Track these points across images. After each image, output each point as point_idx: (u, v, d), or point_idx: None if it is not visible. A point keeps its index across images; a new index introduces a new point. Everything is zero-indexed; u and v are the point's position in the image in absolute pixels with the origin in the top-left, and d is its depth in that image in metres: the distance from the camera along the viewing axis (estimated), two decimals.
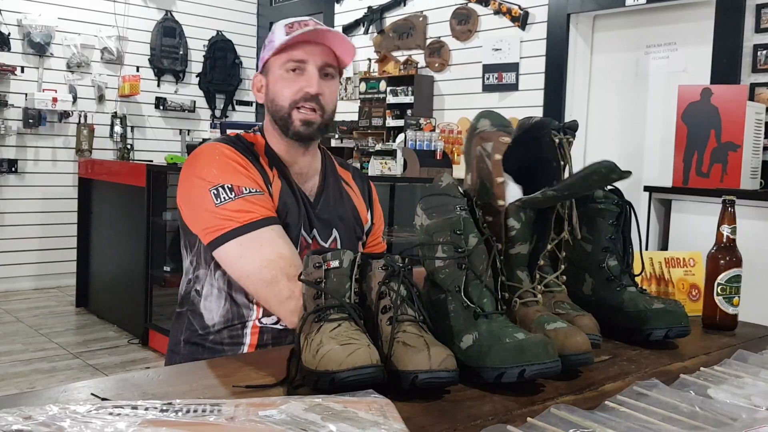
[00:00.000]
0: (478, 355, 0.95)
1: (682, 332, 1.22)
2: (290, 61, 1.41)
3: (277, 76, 1.43)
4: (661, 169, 3.89)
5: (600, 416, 0.83)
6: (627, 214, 1.31)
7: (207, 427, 0.73)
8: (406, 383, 0.89)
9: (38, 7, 5.40)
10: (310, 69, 1.41)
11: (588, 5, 4.22)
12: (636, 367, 1.10)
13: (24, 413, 0.73)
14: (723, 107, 3.12)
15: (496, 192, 1.14)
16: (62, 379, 3.50)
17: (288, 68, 1.41)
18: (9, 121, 5.30)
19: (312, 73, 1.41)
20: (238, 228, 1.26)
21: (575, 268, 1.31)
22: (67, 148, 5.60)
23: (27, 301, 5.15)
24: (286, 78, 1.41)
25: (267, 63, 1.45)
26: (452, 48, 4.97)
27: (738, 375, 1.02)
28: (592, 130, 4.39)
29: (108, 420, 0.72)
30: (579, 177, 1.02)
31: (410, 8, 5.26)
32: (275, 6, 6.48)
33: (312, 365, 0.89)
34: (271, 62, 1.44)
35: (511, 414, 0.87)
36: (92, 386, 0.91)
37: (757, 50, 3.52)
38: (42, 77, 5.44)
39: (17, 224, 5.41)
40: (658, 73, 4.10)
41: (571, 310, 1.15)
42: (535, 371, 0.94)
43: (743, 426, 0.81)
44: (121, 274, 4.49)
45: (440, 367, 0.89)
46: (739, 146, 3.09)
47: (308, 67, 1.41)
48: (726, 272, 1.36)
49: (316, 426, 0.73)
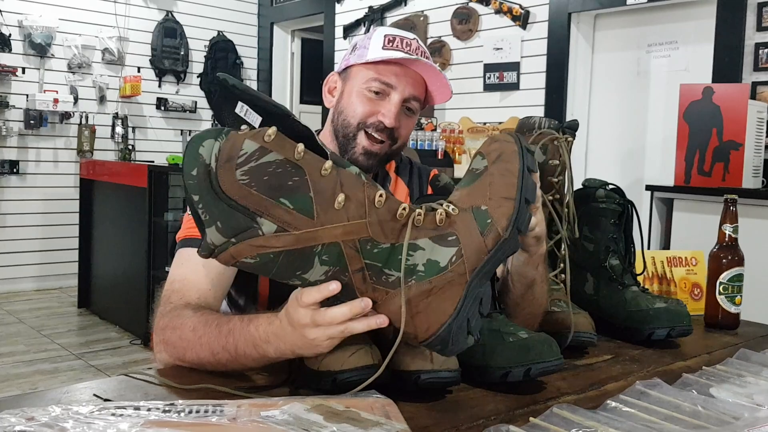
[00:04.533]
0: (482, 355, 0.96)
1: (684, 331, 1.22)
2: (377, 81, 1.27)
3: (357, 90, 1.29)
4: (662, 168, 3.88)
5: (602, 416, 0.83)
6: (629, 213, 1.31)
7: (209, 427, 0.73)
8: (409, 383, 0.89)
9: (39, 8, 5.40)
10: (394, 97, 1.27)
11: (589, 4, 4.22)
12: (638, 366, 1.10)
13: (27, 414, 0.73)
14: (725, 106, 3.12)
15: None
16: (64, 380, 3.50)
17: (371, 87, 1.27)
18: (10, 122, 5.31)
19: (394, 102, 1.27)
20: (182, 239, 1.19)
21: (577, 268, 1.31)
22: (68, 149, 5.60)
23: (29, 302, 5.16)
24: (366, 96, 1.28)
25: (351, 68, 1.31)
26: (453, 47, 4.97)
27: (740, 374, 1.02)
28: (594, 129, 4.38)
29: (110, 421, 0.72)
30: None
31: (411, 8, 5.26)
32: (276, 6, 6.48)
33: (314, 365, 0.89)
34: (355, 70, 1.30)
35: (514, 413, 0.87)
36: (95, 387, 0.91)
37: (759, 49, 3.51)
38: (43, 78, 5.44)
39: (19, 225, 5.41)
40: (659, 71, 4.09)
41: (567, 309, 1.16)
42: (540, 369, 0.94)
43: (745, 425, 0.81)
44: (122, 274, 4.49)
45: (442, 367, 0.89)
46: (741, 145, 3.08)
47: (393, 95, 1.27)
48: (728, 271, 1.36)
49: (318, 426, 0.73)
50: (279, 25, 6.53)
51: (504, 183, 0.85)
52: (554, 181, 1.21)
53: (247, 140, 0.78)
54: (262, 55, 6.58)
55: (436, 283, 0.81)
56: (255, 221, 0.78)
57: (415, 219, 0.83)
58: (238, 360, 0.96)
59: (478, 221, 0.83)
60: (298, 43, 6.64)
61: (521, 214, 0.84)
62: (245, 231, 0.78)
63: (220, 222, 0.78)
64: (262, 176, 0.77)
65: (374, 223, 0.81)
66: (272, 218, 0.78)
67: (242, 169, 0.77)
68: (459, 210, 0.85)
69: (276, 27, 6.53)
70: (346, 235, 0.80)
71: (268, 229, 0.78)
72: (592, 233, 1.31)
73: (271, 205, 0.78)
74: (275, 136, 0.78)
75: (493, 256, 0.83)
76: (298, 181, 0.78)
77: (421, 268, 0.82)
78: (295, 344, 0.89)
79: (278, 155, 0.78)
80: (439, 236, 0.83)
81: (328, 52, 5.82)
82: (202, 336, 0.98)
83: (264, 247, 0.78)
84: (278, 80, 6.57)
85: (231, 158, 0.77)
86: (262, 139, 0.78)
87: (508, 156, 0.87)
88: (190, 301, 1.09)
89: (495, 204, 0.84)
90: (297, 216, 0.78)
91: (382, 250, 0.82)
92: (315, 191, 0.79)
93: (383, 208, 0.82)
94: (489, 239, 0.83)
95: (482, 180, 0.87)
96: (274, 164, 0.78)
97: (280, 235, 0.78)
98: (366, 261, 0.81)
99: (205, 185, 0.77)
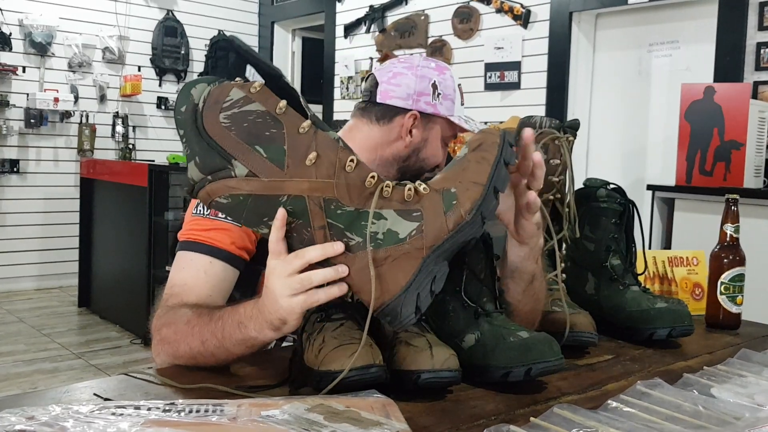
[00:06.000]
0: (483, 355, 0.95)
1: (685, 331, 1.21)
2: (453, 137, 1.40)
3: (438, 143, 1.37)
4: (663, 167, 3.88)
5: (603, 416, 0.83)
6: (630, 212, 1.31)
7: (209, 427, 0.73)
8: (409, 383, 0.89)
9: (39, 6, 5.40)
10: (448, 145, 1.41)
11: (590, 3, 4.21)
12: (639, 366, 1.10)
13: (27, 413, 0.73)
14: (726, 105, 3.12)
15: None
16: (65, 380, 3.50)
17: (447, 142, 1.39)
18: (11, 121, 5.31)
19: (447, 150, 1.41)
20: (184, 242, 1.19)
21: (578, 268, 1.31)
22: (68, 148, 5.60)
23: (29, 301, 5.16)
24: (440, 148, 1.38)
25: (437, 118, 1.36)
26: (454, 47, 4.96)
27: (741, 374, 1.02)
28: (595, 128, 4.38)
29: (111, 420, 0.72)
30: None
31: (412, 7, 5.26)
32: (276, 5, 6.48)
33: (314, 365, 0.89)
34: (442, 122, 1.37)
35: (514, 413, 0.87)
36: (95, 386, 0.91)
37: (761, 48, 3.51)
38: (43, 77, 5.44)
39: (19, 224, 5.41)
40: (660, 71, 4.09)
41: (567, 308, 1.16)
42: (541, 369, 0.94)
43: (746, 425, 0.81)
44: (123, 274, 4.49)
45: (443, 367, 0.89)
46: (743, 144, 3.08)
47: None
48: (729, 271, 1.36)
49: (318, 426, 0.73)
50: (279, 24, 6.53)
51: (477, 169, 0.87)
52: (555, 180, 1.21)
53: (235, 89, 0.85)
54: (263, 54, 6.58)
55: (392, 253, 0.84)
56: (230, 163, 0.84)
57: (383, 189, 0.86)
58: (224, 345, 0.97)
59: (445, 201, 0.86)
60: (299, 42, 6.64)
61: (488, 200, 0.86)
62: (220, 170, 0.84)
63: (198, 158, 0.85)
64: (243, 123, 0.84)
65: (341, 185, 0.85)
66: (245, 162, 0.84)
67: (226, 113, 0.84)
68: (429, 189, 0.87)
69: (276, 26, 6.53)
70: (312, 191, 0.84)
71: (240, 171, 0.84)
72: (593, 233, 1.31)
73: (246, 150, 0.84)
74: (261, 89, 0.85)
75: (453, 236, 0.85)
76: (275, 134, 0.84)
77: (380, 237, 0.85)
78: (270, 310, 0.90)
79: (261, 106, 0.85)
80: (405, 210, 0.86)
81: (328, 51, 5.82)
82: (195, 326, 1.00)
83: (235, 188, 0.85)
84: None
85: (217, 102, 0.84)
86: (248, 89, 0.85)
87: (487, 146, 0.90)
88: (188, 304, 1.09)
89: (464, 187, 0.86)
90: (268, 164, 0.84)
91: (346, 213, 0.85)
92: (289, 145, 0.84)
93: (353, 173, 0.85)
94: (451, 220, 0.85)
95: (458, 165, 0.89)
96: (255, 113, 0.84)
97: (250, 179, 0.84)
98: (328, 220, 0.85)
99: (191, 122, 0.84)
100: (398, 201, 0.86)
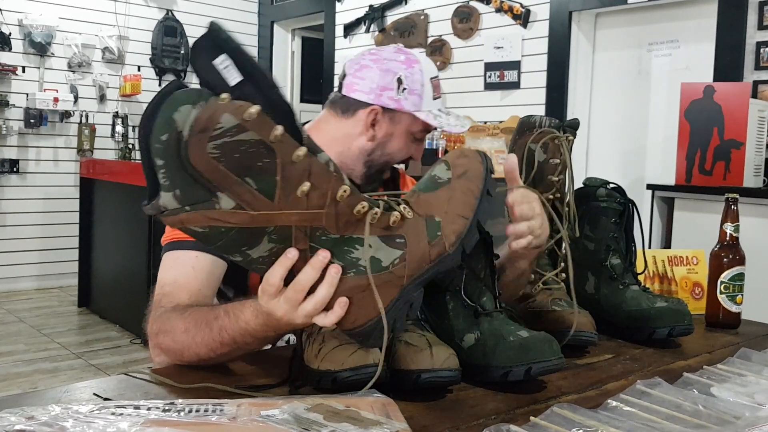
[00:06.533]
0: (482, 354, 0.95)
1: (685, 331, 1.21)
2: (424, 131, 1.33)
3: (404, 138, 1.33)
4: (663, 167, 3.88)
5: (603, 415, 0.83)
6: (629, 212, 1.31)
7: (209, 427, 0.73)
8: (409, 382, 0.89)
9: (39, 6, 5.40)
10: (425, 139, 1.36)
11: (590, 3, 4.21)
12: (639, 365, 1.10)
13: (26, 413, 0.73)
14: (726, 105, 3.12)
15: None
16: (64, 380, 3.50)
17: (417, 135, 1.33)
18: (10, 121, 5.30)
19: (423, 143, 1.36)
20: (168, 243, 1.19)
21: (578, 267, 1.31)
22: (68, 148, 5.60)
23: (29, 301, 5.16)
24: (410, 142, 1.33)
25: (402, 113, 1.31)
26: (454, 46, 4.96)
27: (741, 373, 1.02)
28: (594, 128, 4.38)
29: (110, 420, 0.72)
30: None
31: (411, 6, 5.26)
32: (276, 5, 6.48)
33: (314, 365, 0.89)
34: (407, 117, 1.31)
35: (514, 413, 0.87)
36: (94, 386, 0.91)
37: (760, 47, 3.50)
38: (43, 77, 5.44)
39: (19, 224, 5.41)
40: (660, 70, 4.09)
41: (567, 307, 1.16)
42: (541, 368, 0.94)
43: (746, 424, 0.81)
44: (123, 274, 4.49)
45: (443, 366, 0.89)
46: (742, 144, 3.08)
47: (425, 137, 1.36)
48: (729, 270, 1.36)
49: (318, 425, 0.73)
50: (279, 24, 6.53)
51: (463, 201, 0.88)
52: (555, 179, 1.21)
53: (227, 114, 0.73)
54: (263, 54, 6.57)
55: (374, 280, 0.83)
56: (214, 195, 0.76)
57: (372, 217, 0.84)
58: (241, 349, 0.99)
59: (429, 231, 0.85)
60: (299, 41, 6.63)
61: (471, 233, 0.87)
62: (202, 202, 0.76)
63: (179, 190, 0.76)
64: (234, 153, 0.75)
65: (331, 215, 0.82)
66: (233, 196, 0.76)
67: (215, 142, 0.74)
68: (414, 214, 0.86)
69: (276, 26, 6.53)
70: (301, 222, 0.81)
71: (226, 204, 0.77)
72: (593, 232, 1.31)
73: (235, 183, 0.76)
74: (257, 116, 0.75)
75: (433, 267, 0.85)
76: (268, 164, 0.77)
77: (363, 263, 0.83)
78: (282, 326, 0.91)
79: (255, 135, 0.75)
80: (389, 236, 0.85)
81: (328, 51, 5.81)
82: (195, 336, 1.00)
83: (218, 220, 0.77)
84: (278, 79, 6.55)
85: (206, 129, 0.73)
86: (242, 115, 0.74)
87: (472, 175, 0.90)
88: (180, 302, 1.09)
89: (449, 219, 0.86)
90: (258, 197, 0.77)
91: (329, 239, 0.83)
92: (282, 176, 0.78)
93: (343, 203, 0.82)
94: (434, 251, 0.85)
95: (443, 192, 0.89)
96: (248, 143, 0.75)
97: (237, 212, 0.77)
98: (311, 244, 0.82)
99: (173, 152, 0.74)
100: (383, 227, 0.84)
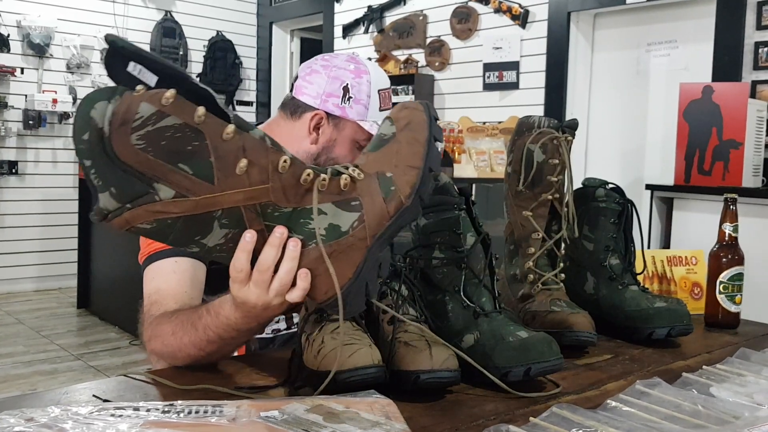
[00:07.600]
0: (482, 355, 0.95)
1: (684, 331, 1.21)
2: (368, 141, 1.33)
3: (348, 145, 1.33)
4: (662, 167, 3.88)
5: (602, 415, 0.83)
6: (629, 212, 1.31)
7: (209, 428, 0.73)
8: (408, 383, 0.89)
9: (37, 8, 5.40)
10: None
11: (588, 3, 4.21)
12: (638, 365, 1.10)
13: (26, 415, 0.73)
14: (724, 105, 3.12)
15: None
16: (64, 381, 3.50)
17: (362, 144, 1.32)
18: (9, 122, 5.30)
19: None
20: (146, 258, 1.19)
21: (577, 267, 1.31)
22: (67, 149, 5.59)
23: (28, 302, 5.15)
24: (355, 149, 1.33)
25: (347, 121, 1.32)
26: (452, 47, 4.97)
27: (740, 373, 1.02)
28: (593, 128, 4.38)
29: (110, 421, 0.72)
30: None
31: (410, 7, 5.26)
32: (275, 6, 6.48)
33: (313, 366, 0.89)
34: (351, 125, 1.32)
35: (513, 413, 0.87)
36: (94, 388, 0.91)
37: (759, 47, 3.51)
38: (42, 78, 5.44)
39: (18, 226, 5.41)
40: (659, 71, 4.09)
41: (567, 308, 1.16)
42: (541, 369, 0.94)
43: (746, 424, 0.81)
44: (122, 275, 4.49)
45: (442, 367, 0.89)
46: (741, 144, 3.08)
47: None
48: (728, 270, 1.36)
49: (317, 426, 0.73)
50: (278, 25, 6.53)
51: (411, 151, 0.86)
52: (554, 180, 1.21)
53: (144, 103, 0.72)
54: (261, 55, 6.58)
55: (337, 248, 0.82)
56: (152, 186, 0.74)
57: (320, 184, 0.82)
58: (228, 344, 0.99)
59: (383, 188, 0.84)
60: (297, 42, 6.64)
61: (425, 182, 0.85)
62: (142, 197, 0.75)
63: (114, 188, 0.74)
64: (160, 141, 0.73)
65: (277, 188, 0.80)
66: (170, 184, 0.75)
67: (138, 133, 0.72)
68: (364, 175, 0.85)
69: (275, 26, 6.53)
70: (248, 200, 0.79)
71: (165, 194, 0.75)
72: (592, 232, 1.31)
73: (169, 171, 0.74)
74: (174, 99, 0.73)
75: (394, 222, 0.84)
76: (198, 146, 0.75)
77: (323, 232, 0.82)
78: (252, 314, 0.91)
79: (177, 119, 0.73)
80: (343, 201, 0.83)
81: (327, 51, 5.82)
82: (182, 337, 1.00)
83: (161, 212, 0.76)
84: (277, 80, 6.57)
85: (126, 122, 0.71)
86: (159, 102, 0.72)
87: (416, 125, 0.88)
88: (168, 309, 1.10)
89: (400, 172, 0.85)
90: (196, 181, 0.76)
91: (283, 214, 0.82)
92: (216, 156, 0.76)
93: (287, 173, 0.80)
94: (391, 206, 0.83)
95: (389, 147, 0.87)
96: (172, 128, 0.73)
97: (179, 200, 0.75)
98: (266, 223, 0.81)
99: (98, 150, 0.72)
100: (335, 192, 0.83)
